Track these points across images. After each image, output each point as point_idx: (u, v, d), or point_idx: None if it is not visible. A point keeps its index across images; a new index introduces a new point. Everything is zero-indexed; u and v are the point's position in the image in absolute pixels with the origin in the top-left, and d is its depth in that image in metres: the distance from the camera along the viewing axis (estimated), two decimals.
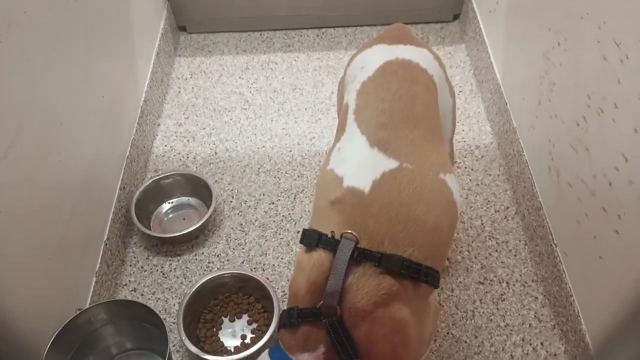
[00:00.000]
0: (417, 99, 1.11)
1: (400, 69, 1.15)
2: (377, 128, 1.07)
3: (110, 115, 1.68)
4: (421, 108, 1.11)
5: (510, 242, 1.69)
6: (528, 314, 1.54)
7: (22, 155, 1.18)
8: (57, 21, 1.35)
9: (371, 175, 1.02)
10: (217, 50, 2.36)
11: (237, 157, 1.96)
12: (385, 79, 1.14)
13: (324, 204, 1.04)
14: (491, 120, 2.01)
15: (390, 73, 1.15)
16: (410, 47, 1.21)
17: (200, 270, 1.67)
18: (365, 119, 1.09)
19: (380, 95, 1.11)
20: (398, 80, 1.13)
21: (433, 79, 1.18)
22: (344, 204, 1.00)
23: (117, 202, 1.67)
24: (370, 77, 1.16)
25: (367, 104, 1.11)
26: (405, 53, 1.19)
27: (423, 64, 1.18)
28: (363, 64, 1.20)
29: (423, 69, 1.17)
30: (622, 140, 1.15)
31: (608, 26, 1.19)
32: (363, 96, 1.14)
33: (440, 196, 1.05)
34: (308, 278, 0.97)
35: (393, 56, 1.18)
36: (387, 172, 1.02)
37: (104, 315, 1.40)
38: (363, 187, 1.00)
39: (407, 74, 1.15)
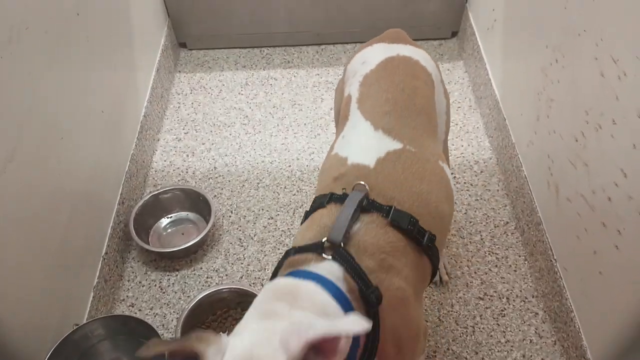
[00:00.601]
0: (418, 92, 1.13)
1: (402, 64, 1.17)
2: (381, 115, 1.08)
3: (110, 130, 1.68)
4: (422, 100, 1.13)
5: (510, 258, 1.69)
6: (529, 329, 1.53)
7: (21, 169, 1.18)
8: (58, 36, 1.36)
9: (375, 153, 1.02)
10: (217, 66, 2.38)
11: (236, 172, 1.96)
12: (387, 72, 1.16)
13: (327, 182, 1.03)
14: (490, 135, 2.02)
15: (392, 67, 1.17)
16: (410, 47, 1.23)
17: (198, 285, 1.66)
18: (368, 107, 1.11)
19: (383, 86, 1.13)
20: (400, 74, 1.15)
21: (431, 77, 1.21)
22: (348, 177, 0.99)
23: (115, 216, 1.66)
24: (373, 69, 1.17)
25: (370, 94, 1.13)
26: (405, 51, 1.21)
27: (422, 62, 1.21)
28: (364, 60, 1.22)
29: (423, 67, 1.20)
30: (620, 155, 1.16)
31: (605, 43, 1.20)
32: (366, 87, 1.15)
33: (440, 180, 1.06)
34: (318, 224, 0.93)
35: (394, 53, 1.20)
36: (391, 152, 1.02)
37: (102, 331, 1.39)
38: (367, 162, 1.00)
39: (409, 70, 1.17)
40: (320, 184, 1.07)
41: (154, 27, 2.16)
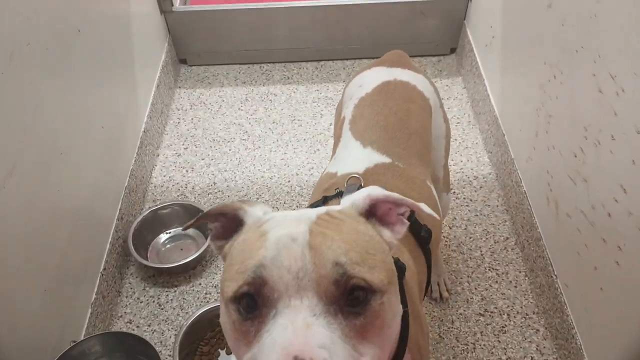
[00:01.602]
0: (412, 116, 1.14)
1: (398, 88, 1.18)
2: (371, 134, 1.09)
3: (110, 145, 1.68)
4: (415, 124, 1.14)
5: (510, 274, 1.68)
6: (530, 346, 1.52)
7: (21, 184, 1.18)
8: (59, 53, 1.36)
9: (365, 164, 1.03)
10: (217, 82, 2.39)
11: (235, 187, 1.96)
12: (382, 96, 1.17)
13: (317, 196, 1.03)
14: (489, 151, 2.02)
15: (387, 91, 1.18)
16: (409, 71, 1.24)
17: (197, 302, 1.65)
18: (360, 128, 1.12)
19: (376, 109, 1.14)
20: (395, 98, 1.16)
21: (429, 102, 1.21)
22: (337, 185, 0.99)
23: (114, 232, 1.66)
24: (369, 93, 1.18)
25: (363, 116, 1.14)
26: (403, 75, 1.22)
27: (420, 87, 1.21)
28: (361, 83, 1.23)
29: (420, 91, 1.20)
30: (620, 171, 1.16)
31: (603, 60, 1.21)
32: (359, 109, 1.16)
33: (429, 196, 1.06)
34: None
35: (391, 77, 1.21)
36: (379, 164, 1.03)
37: (99, 348, 1.37)
38: (356, 170, 1.01)
39: (404, 94, 1.17)
40: (311, 200, 1.08)
41: (155, 44, 2.18)
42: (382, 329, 0.60)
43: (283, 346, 0.53)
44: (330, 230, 0.62)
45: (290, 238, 0.60)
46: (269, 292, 0.57)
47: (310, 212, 0.67)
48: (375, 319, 0.59)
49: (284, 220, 0.65)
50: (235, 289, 0.60)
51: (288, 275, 0.57)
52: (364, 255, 0.60)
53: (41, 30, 1.27)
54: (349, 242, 0.61)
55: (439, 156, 1.29)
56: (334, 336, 0.55)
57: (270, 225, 0.65)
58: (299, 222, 0.63)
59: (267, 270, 0.58)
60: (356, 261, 0.59)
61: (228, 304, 0.61)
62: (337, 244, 0.60)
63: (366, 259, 0.60)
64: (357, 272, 0.58)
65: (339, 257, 0.58)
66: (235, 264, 0.63)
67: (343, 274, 0.57)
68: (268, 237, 0.62)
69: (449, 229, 1.79)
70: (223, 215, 0.73)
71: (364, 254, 0.61)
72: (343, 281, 0.57)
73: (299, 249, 0.59)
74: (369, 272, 0.59)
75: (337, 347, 0.54)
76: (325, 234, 0.61)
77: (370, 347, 0.58)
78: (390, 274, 0.63)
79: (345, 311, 0.57)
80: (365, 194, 0.69)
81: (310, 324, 0.55)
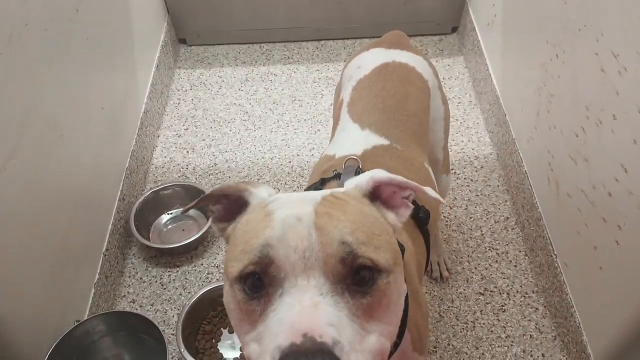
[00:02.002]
0: (410, 98, 1.13)
1: (396, 70, 1.17)
2: (369, 117, 1.09)
3: (110, 126, 1.68)
4: (414, 106, 1.13)
5: (510, 253, 1.69)
6: (529, 325, 1.53)
7: (22, 167, 1.18)
8: (58, 33, 1.35)
9: (363, 146, 1.03)
10: (217, 62, 2.37)
11: (236, 168, 1.96)
12: (380, 78, 1.16)
13: (315, 178, 1.02)
14: (490, 131, 2.02)
15: (385, 73, 1.17)
16: (407, 53, 1.23)
17: (199, 281, 1.66)
18: (357, 110, 1.11)
19: (374, 91, 1.13)
20: (393, 80, 1.15)
21: (427, 84, 1.20)
22: (335, 167, 0.99)
23: (116, 213, 1.66)
24: (367, 75, 1.18)
25: (361, 97, 1.13)
26: (402, 57, 1.21)
27: (419, 68, 1.20)
28: (359, 65, 1.22)
29: (418, 73, 1.20)
30: (621, 151, 1.16)
31: (606, 38, 1.20)
32: (357, 91, 1.16)
33: (427, 177, 1.06)
34: None
35: (390, 59, 1.20)
36: (377, 145, 1.03)
37: (103, 327, 1.39)
38: (355, 153, 1.01)
39: (403, 76, 1.17)
40: (309, 182, 1.08)
41: (154, 24, 2.16)
42: (389, 307, 0.60)
43: (291, 324, 0.53)
44: (335, 211, 0.62)
45: (296, 218, 0.60)
46: (275, 272, 0.57)
47: (314, 193, 0.67)
48: (382, 298, 0.59)
49: (288, 201, 0.65)
50: (240, 268, 0.60)
51: (294, 255, 0.57)
52: (369, 236, 0.61)
53: (39, 10, 1.26)
54: (355, 222, 0.61)
55: (438, 138, 1.29)
56: (341, 314, 0.55)
57: (275, 206, 0.64)
58: (304, 202, 0.64)
59: (273, 249, 0.58)
60: (362, 241, 0.59)
61: (233, 284, 0.61)
62: (343, 224, 0.60)
63: (372, 239, 0.60)
64: (363, 252, 0.58)
65: (345, 236, 0.58)
66: (240, 244, 0.62)
67: (349, 252, 0.57)
68: (274, 217, 0.61)
69: (449, 209, 1.80)
70: (225, 197, 0.72)
71: (369, 234, 0.61)
72: (349, 260, 0.57)
73: (305, 229, 0.59)
74: (375, 251, 0.59)
75: (344, 325, 0.55)
76: (331, 214, 0.61)
77: (377, 325, 0.58)
78: (395, 255, 0.64)
79: (352, 290, 0.57)
80: (369, 176, 0.69)
81: (317, 303, 0.55)
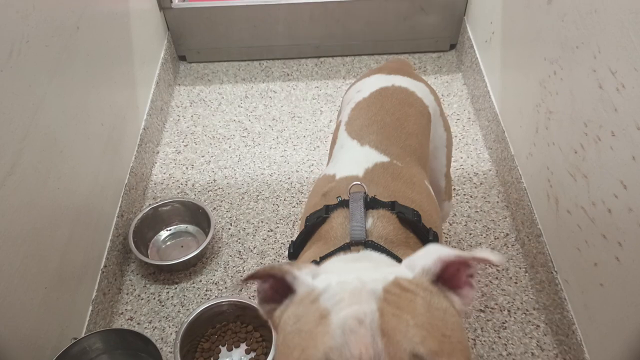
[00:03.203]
0: (409, 118, 1.13)
1: (396, 93, 1.17)
2: (368, 133, 1.08)
3: (110, 142, 1.68)
4: (413, 126, 1.12)
5: (510, 270, 1.68)
6: (530, 342, 1.52)
7: (21, 182, 1.18)
8: (59, 50, 1.36)
9: (363, 165, 1.01)
10: (217, 79, 2.39)
11: (235, 185, 1.96)
12: (379, 99, 1.15)
13: (315, 199, 1.00)
14: (489, 147, 2.02)
15: (385, 95, 1.16)
16: (408, 79, 1.23)
17: (197, 299, 1.65)
18: (356, 128, 1.10)
19: (373, 110, 1.13)
20: (392, 101, 1.15)
21: (428, 109, 1.19)
22: (337, 190, 0.97)
23: (115, 229, 1.66)
24: (366, 97, 1.17)
25: (360, 116, 1.13)
26: (402, 82, 1.21)
27: (419, 94, 1.20)
28: (359, 89, 1.22)
29: (418, 98, 1.19)
30: (620, 167, 1.16)
31: (603, 55, 1.21)
32: (356, 111, 1.15)
33: (429, 195, 1.04)
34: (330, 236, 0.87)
35: (389, 83, 1.20)
36: (378, 163, 1.01)
37: (100, 345, 1.38)
38: (356, 173, 0.99)
39: (402, 98, 1.16)
40: (308, 204, 1.05)
41: (154, 41, 2.17)
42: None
43: None
44: (403, 312, 0.55)
45: (357, 320, 0.54)
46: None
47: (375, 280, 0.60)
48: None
49: (343, 292, 0.58)
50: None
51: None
52: (441, 341, 0.54)
53: (40, 27, 1.27)
54: (425, 326, 0.55)
55: (440, 165, 1.27)
56: None
57: (329, 302, 0.58)
58: (363, 296, 0.57)
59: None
60: (435, 350, 0.53)
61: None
62: (412, 331, 0.53)
63: (444, 346, 0.54)
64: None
65: (417, 347, 0.52)
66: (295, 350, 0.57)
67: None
68: (331, 321, 0.55)
69: (449, 225, 1.80)
70: (272, 276, 0.66)
71: (441, 340, 0.55)
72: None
73: (368, 334, 0.53)
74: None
75: None
76: (399, 317, 0.54)
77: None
78: (467, 355, 0.58)
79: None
80: (436, 257, 0.62)
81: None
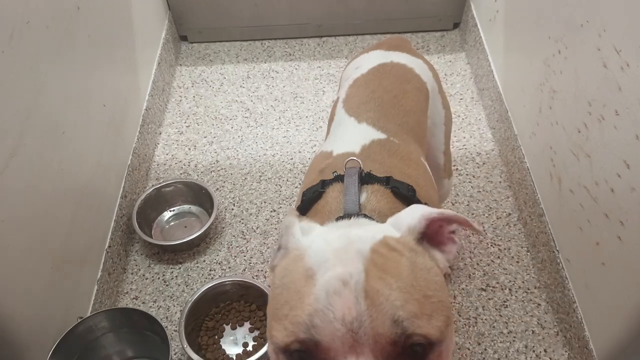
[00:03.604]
0: (407, 95, 1.12)
1: (394, 69, 1.17)
2: (366, 110, 1.07)
3: (112, 124, 1.68)
4: (411, 103, 1.11)
5: (512, 249, 1.69)
6: (531, 320, 1.53)
7: (24, 164, 1.18)
8: (59, 31, 1.35)
9: (360, 141, 1.00)
10: (218, 59, 2.37)
11: (238, 165, 1.96)
12: (377, 76, 1.15)
13: (312, 176, 0.99)
14: (492, 127, 2.01)
15: (383, 72, 1.16)
16: (406, 55, 1.22)
17: (201, 278, 1.66)
18: (353, 105, 1.10)
19: (370, 87, 1.12)
20: (390, 78, 1.14)
21: (426, 86, 1.19)
22: (334, 166, 0.96)
23: (118, 210, 1.67)
24: (364, 74, 1.17)
25: (357, 93, 1.12)
26: (400, 58, 1.20)
27: (417, 70, 1.19)
28: (358, 65, 1.22)
29: (417, 74, 1.18)
30: (623, 147, 1.15)
31: (608, 34, 1.19)
32: (354, 88, 1.14)
33: (425, 172, 1.04)
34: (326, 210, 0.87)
35: (388, 59, 1.19)
36: (375, 140, 1.01)
37: (106, 324, 1.39)
38: (352, 150, 0.99)
39: (400, 75, 1.16)
40: (306, 180, 1.05)
41: (155, 21, 2.16)
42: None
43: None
44: (387, 274, 0.57)
45: (342, 282, 0.56)
46: (323, 353, 0.54)
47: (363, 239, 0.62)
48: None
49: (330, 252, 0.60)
50: (286, 342, 0.56)
51: (342, 328, 0.54)
52: (422, 302, 0.57)
53: (41, 8, 1.26)
54: (408, 288, 0.57)
55: (438, 142, 1.27)
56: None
57: (314, 260, 0.60)
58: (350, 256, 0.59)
59: (319, 331, 0.54)
60: (415, 313, 0.55)
61: (278, 351, 0.58)
62: (395, 294, 0.55)
63: (424, 307, 0.56)
64: (416, 328, 0.54)
65: (398, 311, 0.55)
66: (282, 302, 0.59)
67: (402, 334, 0.54)
68: (316, 281, 0.57)
69: (451, 205, 1.80)
70: None
71: (422, 301, 0.57)
72: (402, 341, 0.54)
73: (352, 295, 0.55)
74: (428, 323, 0.56)
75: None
76: (384, 280, 0.56)
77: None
78: (447, 313, 0.60)
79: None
80: (419, 215, 0.65)
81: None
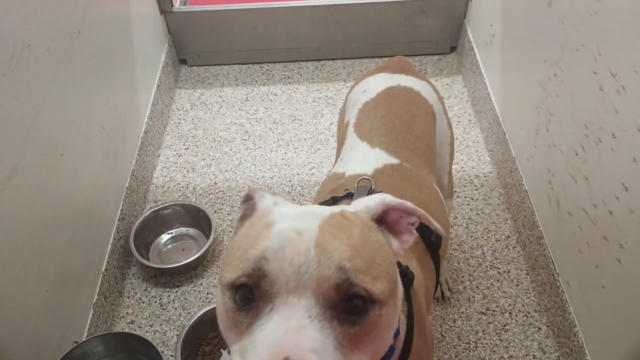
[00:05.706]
0: (417, 120, 1.14)
1: (402, 93, 1.18)
2: (378, 136, 1.08)
3: (111, 146, 1.68)
4: (420, 127, 1.13)
5: (512, 272, 1.68)
6: (532, 344, 1.51)
7: (22, 186, 1.18)
8: (60, 54, 1.36)
9: (373, 165, 1.02)
10: (217, 82, 2.39)
11: (236, 187, 1.96)
12: (386, 100, 1.16)
13: (324, 195, 1.00)
14: (490, 149, 2.02)
15: (391, 96, 1.17)
16: (412, 78, 1.24)
17: (199, 302, 1.65)
18: (365, 130, 1.11)
19: (381, 112, 1.14)
20: (399, 102, 1.16)
21: (432, 108, 1.21)
22: (346, 186, 0.97)
23: (116, 232, 1.66)
24: (372, 98, 1.18)
25: (368, 118, 1.14)
26: (407, 81, 1.22)
27: (424, 93, 1.21)
28: (365, 89, 1.23)
29: (423, 97, 1.20)
30: (621, 169, 1.16)
31: (604, 57, 1.21)
32: (364, 112, 1.16)
33: (437, 198, 1.05)
34: None
35: (395, 83, 1.21)
36: (388, 165, 1.02)
37: (101, 348, 1.38)
38: (365, 172, 1.00)
39: (409, 99, 1.17)
40: (317, 198, 1.06)
41: (155, 44, 2.18)
42: (376, 340, 0.59)
43: (275, 344, 0.52)
44: (340, 232, 0.60)
45: (296, 231, 0.59)
46: (268, 286, 0.56)
47: (324, 208, 0.66)
48: (371, 330, 0.58)
49: (294, 213, 0.64)
50: (233, 278, 0.59)
51: (289, 269, 0.56)
52: (369, 264, 0.59)
53: (41, 31, 1.27)
54: (357, 247, 0.59)
55: (444, 163, 1.29)
56: (326, 341, 0.54)
57: (278, 217, 0.64)
58: (310, 217, 0.62)
59: (268, 263, 0.57)
60: (360, 269, 0.57)
61: (224, 290, 0.60)
62: (344, 247, 0.58)
63: (371, 268, 0.59)
64: (359, 281, 0.57)
65: (344, 261, 0.57)
66: (237, 249, 0.62)
67: (345, 280, 0.56)
68: (274, 228, 0.60)
69: (450, 227, 1.79)
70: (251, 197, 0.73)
71: (369, 263, 0.59)
72: (344, 287, 0.56)
73: (304, 243, 0.58)
74: (372, 282, 0.58)
75: (328, 353, 0.53)
76: (335, 234, 0.59)
77: (361, 357, 0.57)
78: (392, 286, 0.62)
79: (341, 318, 0.56)
80: (380, 199, 0.68)
81: (304, 326, 0.54)
